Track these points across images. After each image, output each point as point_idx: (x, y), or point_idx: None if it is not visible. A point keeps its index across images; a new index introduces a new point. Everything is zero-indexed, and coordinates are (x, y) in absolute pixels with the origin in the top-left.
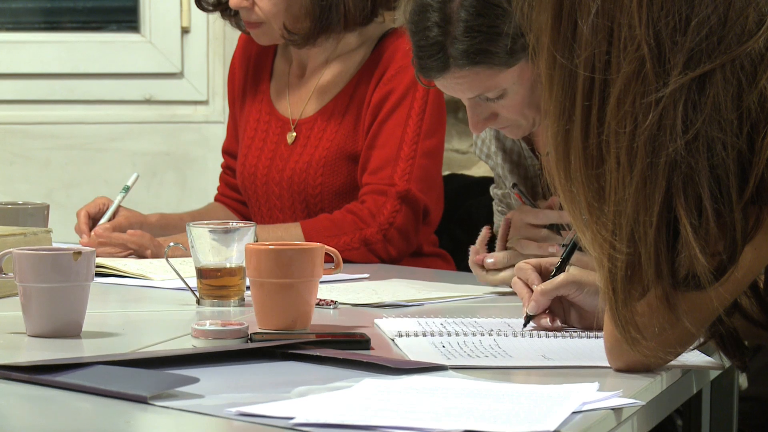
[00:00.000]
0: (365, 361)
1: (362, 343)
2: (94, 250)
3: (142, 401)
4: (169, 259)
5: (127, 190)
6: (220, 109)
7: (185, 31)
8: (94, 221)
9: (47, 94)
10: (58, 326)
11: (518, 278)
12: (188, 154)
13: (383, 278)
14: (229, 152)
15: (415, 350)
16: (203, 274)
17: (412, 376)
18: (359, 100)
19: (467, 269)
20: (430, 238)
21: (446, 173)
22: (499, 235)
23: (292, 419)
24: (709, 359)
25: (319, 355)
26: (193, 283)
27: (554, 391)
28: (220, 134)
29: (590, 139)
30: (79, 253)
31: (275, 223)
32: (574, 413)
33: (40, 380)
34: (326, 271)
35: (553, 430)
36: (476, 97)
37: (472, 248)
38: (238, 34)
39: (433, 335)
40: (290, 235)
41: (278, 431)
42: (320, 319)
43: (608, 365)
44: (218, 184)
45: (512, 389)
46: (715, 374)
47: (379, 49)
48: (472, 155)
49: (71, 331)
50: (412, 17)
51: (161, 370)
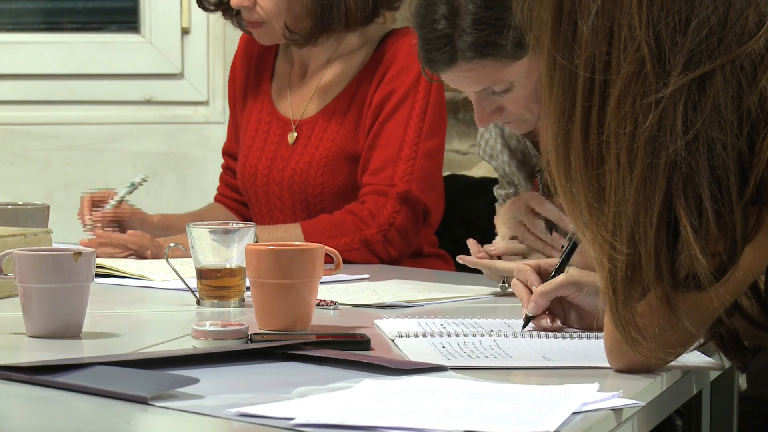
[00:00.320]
0: (365, 361)
1: (362, 343)
2: (94, 250)
3: (142, 402)
4: (169, 259)
5: (133, 186)
6: (220, 109)
7: (185, 31)
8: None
9: (47, 94)
10: (58, 327)
11: (518, 279)
12: (188, 154)
13: (383, 279)
14: (229, 153)
15: (415, 351)
16: (203, 274)
17: (412, 376)
18: (360, 100)
19: (467, 270)
20: (430, 238)
21: (446, 174)
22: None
23: (292, 420)
24: (709, 360)
25: (319, 355)
26: (193, 283)
27: (554, 391)
28: (220, 135)
29: (590, 139)
30: (79, 253)
31: (276, 223)
32: (574, 414)
33: (40, 381)
34: (326, 271)
35: (553, 430)
36: (483, 90)
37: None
38: (238, 34)
39: (433, 336)
40: (290, 235)
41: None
42: (320, 319)
43: (608, 366)
44: (218, 184)
45: (512, 390)
46: (715, 375)
47: (380, 49)
48: (472, 156)
49: (71, 331)
50: (419, 10)
51: (161, 370)
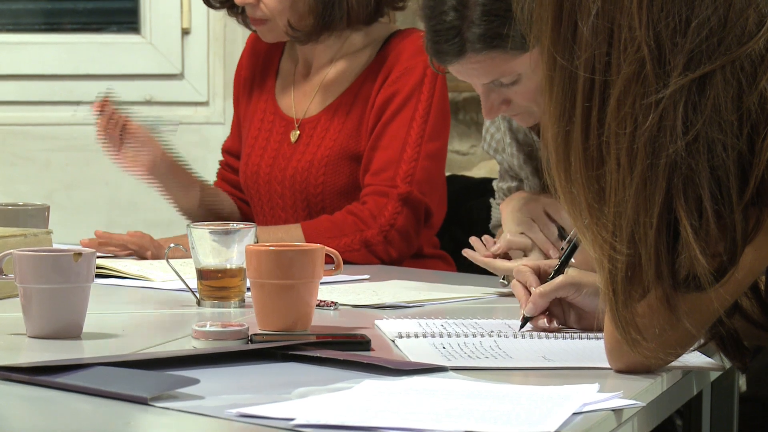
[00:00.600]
0: (365, 362)
1: (363, 344)
2: (94, 251)
3: (142, 402)
4: (169, 260)
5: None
6: (220, 110)
7: (185, 32)
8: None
9: (48, 95)
10: (58, 327)
11: (517, 281)
12: (188, 155)
13: (384, 279)
14: (230, 151)
15: (415, 351)
16: (204, 275)
17: (412, 377)
18: (363, 100)
19: (468, 270)
20: (431, 239)
21: (447, 174)
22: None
23: (292, 420)
24: (709, 360)
25: (319, 356)
26: (193, 284)
27: (554, 392)
28: (220, 135)
29: (590, 140)
30: (79, 254)
31: (277, 221)
32: (574, 414)
33: (40, 381)
34: (327, 272)
35: (553, 431)
36: (490, 82)
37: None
38: (238, 35)
39: (433, 336)
40: (291, 236)
41: None
42: (321, 320)
43: (608, 366)
44: (215, 180)
45: (513, 390)
46: (715, 375)
47: (384, 50)
48: (472, 156)
49: (71, 332)
50: (427, 2)
51: (162, 371)
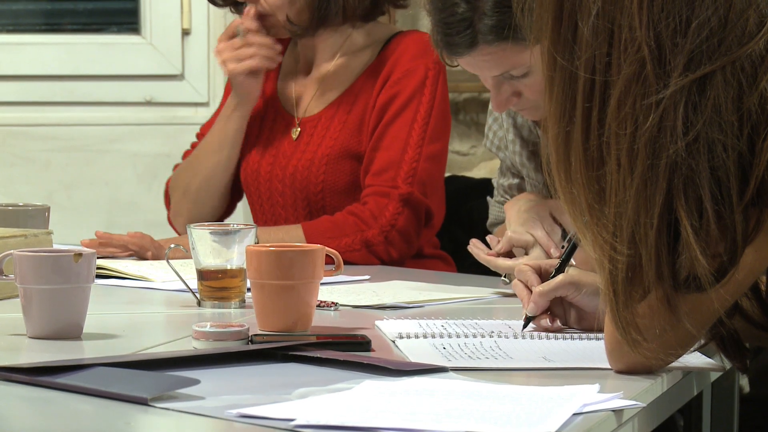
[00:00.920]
0: (366, 362)
1: (363, 344)
2: (94, 251)
3: (142, 403)
4: (169, 260)
5: None
6: None
7: (186, 32)
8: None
9: (48, 95)
10: (58, 328)
11: (518, 280)
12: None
13: (384, 280)
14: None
15: (415, 352)
16: (204, 275)
17: (412, 377)
18: (364, 99)
19: (468, 271)
20: (431, 240)
21: (447, 175)
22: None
23: (292, 421)
24: (709, 361)
25: (319, 356)
26: (193, 284)
27: (555, 392)
28: None
29: (591, 140)
30: (79, 254)
31: (277, 219)
32: (574, 415)
33: (40, 382)
34: (327, 272)
35: (553, 431)
36: (501, 75)
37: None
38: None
39: (433, 337)
40: (291, 236)
41: None
42: (321, 320)
43: (609, 367)
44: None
45: (513, 391)
46: (715, 376)
47: (386, 50)
48: (473, 157)
49: (72, 332)
50: None
51: (162, 371)
